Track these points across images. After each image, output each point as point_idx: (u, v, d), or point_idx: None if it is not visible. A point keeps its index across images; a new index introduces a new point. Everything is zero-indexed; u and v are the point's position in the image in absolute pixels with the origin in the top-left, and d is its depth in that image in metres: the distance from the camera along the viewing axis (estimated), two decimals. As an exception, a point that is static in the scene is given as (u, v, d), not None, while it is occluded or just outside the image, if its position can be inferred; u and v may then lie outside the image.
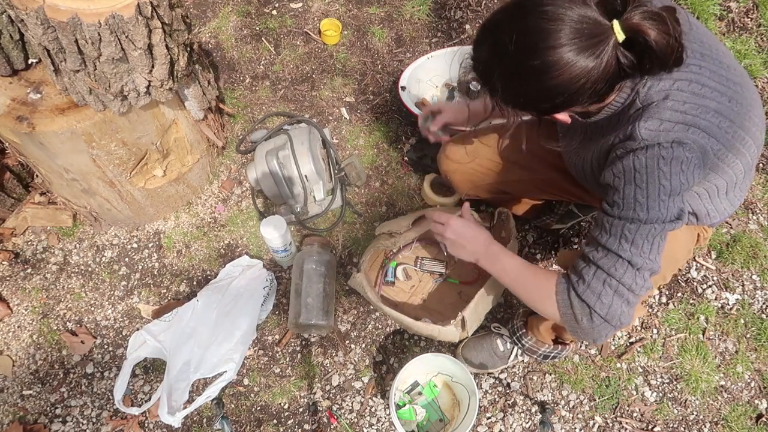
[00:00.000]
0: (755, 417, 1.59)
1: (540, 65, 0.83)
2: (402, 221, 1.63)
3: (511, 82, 0.89)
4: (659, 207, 0.92)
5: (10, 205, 1.80)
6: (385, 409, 1.58)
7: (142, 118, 1.48)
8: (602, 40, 0.81)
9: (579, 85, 0.84)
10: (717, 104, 0.92)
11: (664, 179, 0.91)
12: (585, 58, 0.81)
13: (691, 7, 2.28)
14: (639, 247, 0.94)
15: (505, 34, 0.86)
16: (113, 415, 1.56)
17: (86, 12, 1.18)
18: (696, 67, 0.94)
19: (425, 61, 1.99)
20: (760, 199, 1.90)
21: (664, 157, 0.90)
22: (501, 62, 0.88)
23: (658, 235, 0.94)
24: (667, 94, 0.92)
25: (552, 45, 0.82)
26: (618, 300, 0.96)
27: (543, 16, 0.83)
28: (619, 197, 0.95)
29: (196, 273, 1.77)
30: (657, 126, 0.91)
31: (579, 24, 0.81)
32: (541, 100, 0.89)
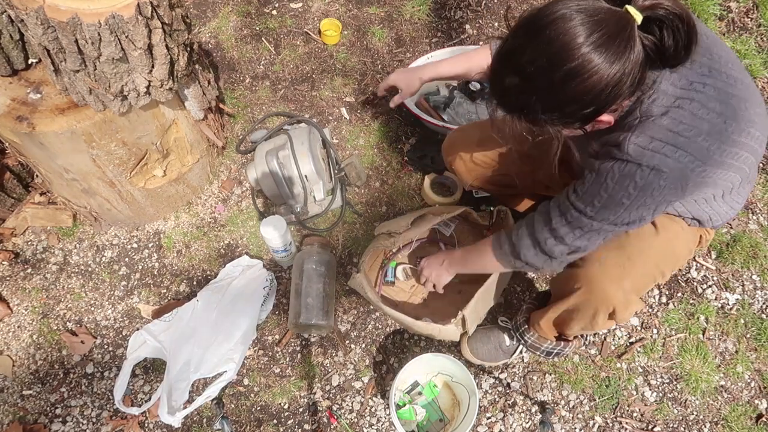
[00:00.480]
0: (755, 417, 1.59)
1: (575, 67, 0.81)
2: (402, 221, 1.62)
3: (551, 97, 0.87)
4: (609, 214, 0.99)
5: (10, 205, 1.80)
6: (385, 409, 1.58)
7: (142, 118, 1.48)
8: (625, 26, 0.80)
9: (618, 78, 0.82)
10: (710, 126, 0.92)
11: (626, 198, 0.96)
12: (615, 48, 0.80)
13: (692, 7, 2.28)
14: (571, 228, 1.05)
15: (528, 53, 0.85)
16: (113, 415, 1.56)
17: (86, 12, 1.18)
18: (700, 84, 0.93)
19: (425, 61, 1.99)
20: (760, 199, 1.90)
21: (636, 181, 0.94)
22: (534, 82, 0.86)
23: (596, 231, 1.04)
24: (667, 111, 0.92)
25: (580, 43, 0.80)
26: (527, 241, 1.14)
27: (559, 21, 0.82)
28: (582, 189, 1.01)
29: (196, 273, 1.77)
30: (646, 143, 0.92)
31: (596, 16, 0.81)
32: (585, 104, 0.87)
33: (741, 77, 0.99)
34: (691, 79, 0.93)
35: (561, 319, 1.32)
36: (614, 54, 0.81)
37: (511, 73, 0.89)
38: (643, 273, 1.17)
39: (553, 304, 1.31)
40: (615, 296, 1.15)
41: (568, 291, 1.22)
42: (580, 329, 1.31)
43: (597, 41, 0.80)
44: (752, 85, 1.03)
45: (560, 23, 0.82)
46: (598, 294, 1.16)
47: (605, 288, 1.15)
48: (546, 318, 1.36)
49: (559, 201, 1.08)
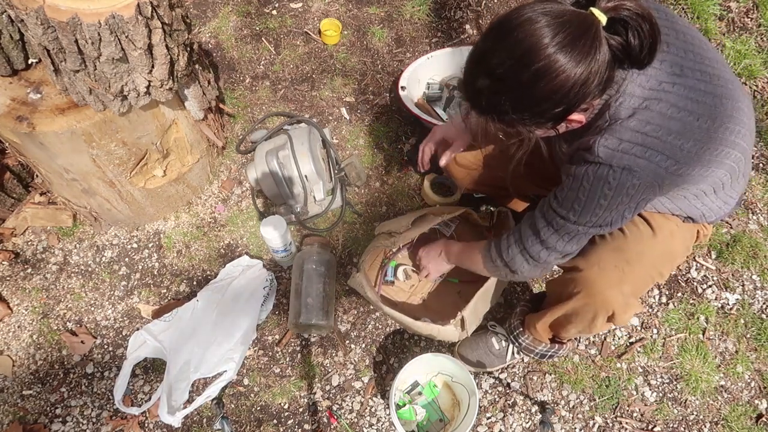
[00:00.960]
0: (755, 417, 1.59)
1: (543, 66, 0.84)
2: (402, 221, 1.63)
3: (521, 97, 0.89)
4: (590, 216, 1.02)
5: (10, 205, 1.80)
6: (385, 409, 1.58)
7: (142, 118, 1.48)
8: (590, 27, 0.83)
9: (585, 77, 0.84)
10: (681, 125, 0.93)
11: (603, 199, 0.98)
12: (581, 49, 0.83)
13: (692, 7, 2.28)
14: (560, 235, 1.08)
15: (496, 56, 0.88)
16: (113, 415, 1.56)
17: (86, 12, 1.18)
18: (669, 84, 0.94)
19: (425, 61, 1.99)
20: (760, 199, 1.90)
21: (609, 182, 0.96)
22: (503, 83, 0.89)
23: (583, 234, 1.07)
24: (634, 113, 0.94)
25: (544, 44, 0.83)
26: (520, 258, 1.17)
27: (525, 24, 0.85)
28: (562, 195, 1.04)
29: (196, 273, 1.77)
30: (615, 145, 0.94)
31: (560, 18, 0.83)
32: (555, 103, 0.89)
33: (719, 74, 1.00)
34: (661, 80, 0.94)
35: (558, 323, 1.32)
36: (580, 54, 0.83)
37: (482, 75, 0.91)
38: (642, 275, 1.17)
39: (550, 308, 1.31)
40: (614, 300, 1.15)
41: (566, 295, 1.22)
42: (577, 332, 1.31)
43: (562, 42, 0.82)
44: (733, 80, 1.03)
45: (527, 26, 0.84)
46: (597, 298, 1.16)
47: (604, 292, 1.15)
48: (542, 321, 1.36)
49: (543, 210, 1.10)
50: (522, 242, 1.15)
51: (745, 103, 1.04)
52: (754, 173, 1.96)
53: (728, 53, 2.16)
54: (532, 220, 1.13)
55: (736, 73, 2.13)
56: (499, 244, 1.21)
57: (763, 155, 2.00)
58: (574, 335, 1.36)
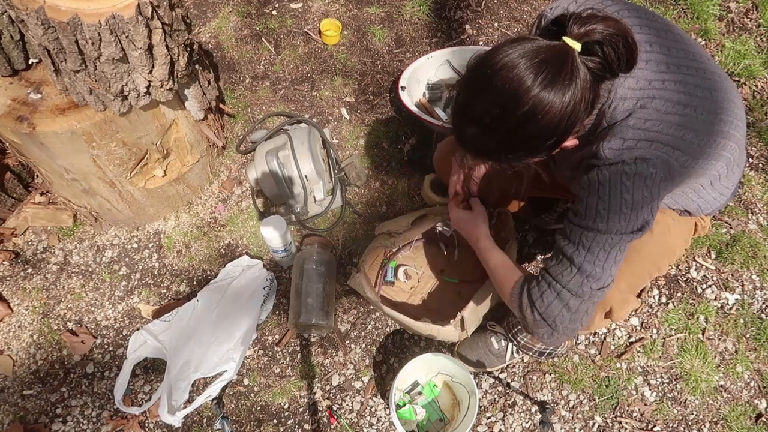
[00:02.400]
0: (755, 417, 1.59)
1: (528, 110, 0.85)
2: (402, 221, 1.63)
3: (512, 139, 0.90)
4: (619, 219, 0.95)
5: (10, 205, 1.80)
6: (385, 409, 1.58)
7: (142, 118, 1.48)
8: (566, 59, 0.83)
9: (572, 107, 0.85)
10: (680, 117, 0.94)
11: (626, 193, 0.93)
12: (562, 82, 0.83)
13: (691, 8, 2.28)
14: (594, 255, 0.99)
15: (480, 105, 0.89)
16: (113, 415, 1.56)
17: (86, 12, 1.18)
18: (659, 82, 0.95)
19: (425, 61, 1.99)
20: (760, 199, 1.91)
21: (627, 172, 0.93)
22: (492, 129, 0.90)
23: (616, 245, 0.98)
24: (631, 113, 0.94)
25: (527, 87, 0.83)
26: (558, 303, 1.02)
27: (503, 71, 0.85)
28: (583, 207, 0.98)
29: (196, 273, 1.77)
30: (620, 145, 0.94)
31: (537, 56, 0.84)
32: (546, 138, 0.90)
33: (705, 67, 1.01)
34: (650, 78, 0.95)
35: None
36: (562, 87, 0.83)
37: (470, 124, 0.92)
38: (639, 271, 1.18)
39: None
40: (612, 296, 1.15)
41: None
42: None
43: (543, 81, 0.83)
44: (720, 73, 1.04)
45: (505, 72, 0.85)
46: None
47: None
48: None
49: (566, 236, 1.02)
50: (556, 281, 1.02)
51: (734, 94, 1.05)
52: (753, 173, 1.96)
53: (728, 53, 2.16)
54: (557, 254, 1.04)
55: (735, 73, 2.13)
56: (531, 291, 1.07)
57: (762, 155, 2.00)
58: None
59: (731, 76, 2.15)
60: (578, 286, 1.01)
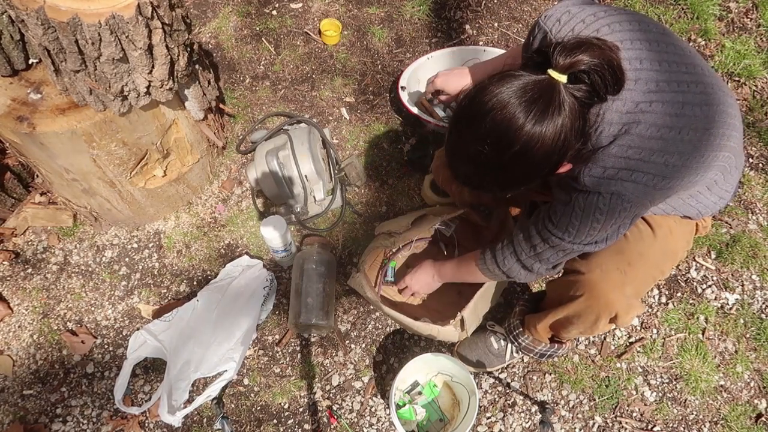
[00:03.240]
0: (755, 417, 1.59)
1: (521, 148, 0.87)
2: (402, 221, 1.63)
3: (506, 176, 0.94)
4: (585, 237, 1.03)
5: (10, 205, 1.80)
6: (385, 409, 1.58)
7: (142, 118, 1.48)
8: (553, 92, 0.85)
9: (563, 138, 0.87)
10: (663, 143, 0.94)
11: (596, 222, 1.00)
12: (551, 116, 0.85)
13: (691, 8, 2.28)
14: (555, 251, 1.10)
15: (471, 146, 0.92)
16: (113, 415, 1.56)
17: (86, 12, 1.18)
18: (646, 104, 0.94)
19: (425, 61, 1.99)
20: (760, 199, 1.91)
21: (600, 207, 0.97)
22: (486, 168, 0.94)
23: (578, 251, 1.09)
24: (614, 139, 0.95)
25: (518, 126, 0.85)
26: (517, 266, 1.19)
27: (493, 110, 0.87)
28: (556, 218, 1.05)
29: (196, 273, 1.77)
30: (600, 173, 0.95)
31: (525, 94, 0.85)
32: (540, 171, 0.93)
33: (697, 79, 0.99)
34: (637, 100, 0.94)
35: (559, 324, 1.32)
36: (552, 120, 0.85)
37: (464, 163, 0.96)
38: (644, 276, 1.18)
39: (552, 310, 1.31)
40: (617, 302, 1.15)
41: (568, 298, 1.22)
42: (578, 333, 1.31)
43: (533, 118, 0.85)
44: (713, 83, 1.02)
45: (495, 113, 0.87)
46: (600, 301, 1.16)
47: (607, 295, 1.15)
48: (543, 322, 1.36)
49: (538, 227, 1.11)
50: (517, 254, 1.18)
51: (729, 103, 1.03)
52: (753, 173, 1.96)
53: (728, 53, 2.16)
54: (527, 234, 1.14)
55: (736, 73, 2.13)
56: (495, 254, 1.23)
57: (762, 155, 2.00)
58: (575, 336, 1.37)
59: (731, 76, 2.15)
60: (532, 264, 1.16)
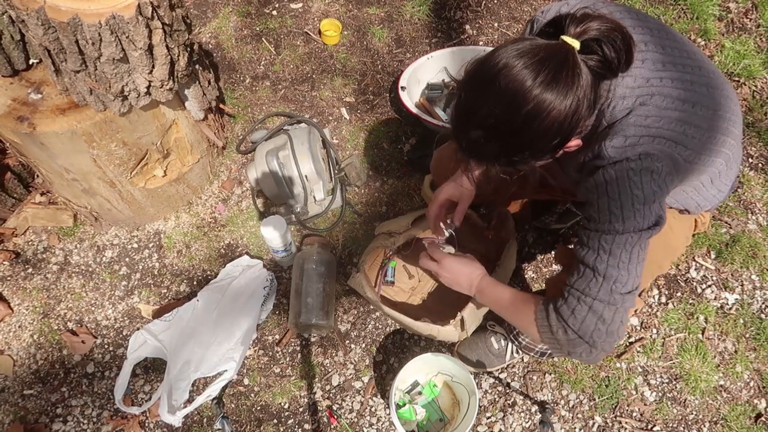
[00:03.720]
0: (754, 416, 1.59)
1: (532, 109, 0.84)
2: (402, 221, 1.63)
3: (516, 141, 0.89)
4: (634, 216, 0.93)
5: (11, 205, 1.80)
6: (385, 409, 1.58)
7: (142, 118, 1.48)
8: (566, 56, 0.83)
9: (575, 105, 0.85)
10: (680, 113, 0.94)
11: (636, 189, 0.92)
12: (564, 81, 0.83)
13: (691, 8, 2.28)
14: (617, 257, 0.95)
15: (483, 108, 0.88)
16: (114, 415, 1.57)
17: (87, 12, 1.19)
18: (657, 80, 0.95)
19: (425, 62, 1.99)
20: (760, 199, 1.91)
21: (633, 168, 0.92)
22: (496, 131, 0.89)
23: (636, 244, 0.95)
24: (631, 110, 0.94)
25: (529, 87, 0.83)
26: (592, 317, 0.97)
27: (503, 71, 0.85)
28: (595, 211, 0.96)
29: (197, 273, 1.77)
30: (622, 143, 0.93)
31: (537, 55, 0.84)
32: (551, 138, 0.89)
33: (700, 65, 1.01)
34: (647, 76, 0.95)
35: None
36: (564, 86, 0.83)
37: (473, 127, 0.91)
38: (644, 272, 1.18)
39: None
40: None
41: None
42: None
43: (545, 80, 0.83)
44: (714, 70, 1.04)
45: (505, 72, 0.84)
46: None
47: None
48: None
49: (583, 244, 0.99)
50: (585, 294, 0.97)
51: (729, 90, 1.05)
52: (753, 173, 1.96)
53: (727, 53, 2.16)
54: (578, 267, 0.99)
55: (735, 73, 2.14)
56: (559, 310, 1.01)
57: (762, 155, 2.00)
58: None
59: (731, 76, 2.15)
60: (608, 294, 0.96)
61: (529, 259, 1.79)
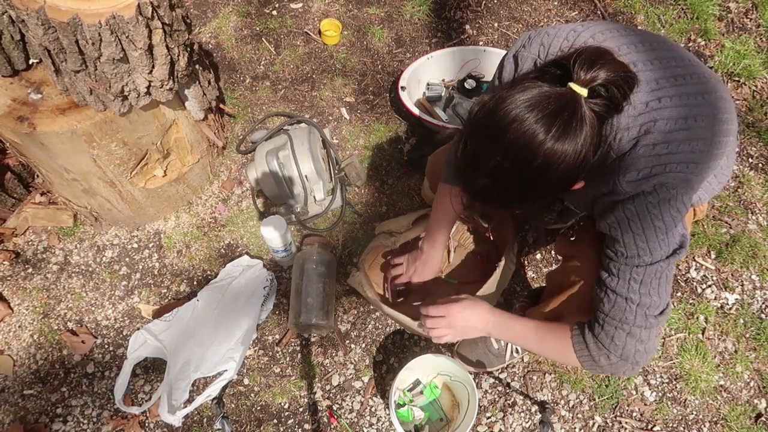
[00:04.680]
0: (754, 416, 1.59)
1: (543, 161, 0.84)
2: (402, 220, 1.63)
3: (524, 191, 0.90)
4: (660, 246, 0.96)
5: (11, 205, 1.80)
6: (385, 409, 1.58)
7: (142, 118, 1.49)
8: (575, 106, 0.83)
9: (583, 154, 0.85)
10: (685, 132, 0.94)
11: (657, 221, 0.94)
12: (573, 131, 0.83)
13: (691, 8, 2.28)
14: (648, 286, 0.99)
15: (492, 159, 0.87)
16: (114, 415, 1.57)
17: (87, 12, 1.19)
18: (655, 101, 0.95)
19: (425, 62, 1.99)
20: (760, 199, 1.91)
21: (651, 202, 0.93)
22: (505, 182, 0.89)
23: (665, 270, 0.99)
24: (637, 141, 0.94)
25: (541, 140, 0.82)
26: (631, 341, 1.02)
27: (515, 123, 0.83)
28: (621, 246, 0.98)
29: (197, 273, 1.77)
30: (636, 176, 0.94)
31: (548, 107, 0.83)
32: (559, 187, 0.90)
33: (690, 71, 1.00)
34: (645, 100, 0.94)
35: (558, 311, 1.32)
36: (574, 136, 0.83)
37: (480, 176, 0.91)
38: None
39: (549, 299, 1.31)
40: None
41: (567, 284, 1.23)
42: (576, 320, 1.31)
43: (556, 134, 0.82)
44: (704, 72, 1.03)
45: (516, 126, 0.83)
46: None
47: None
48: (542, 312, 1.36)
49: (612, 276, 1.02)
50: (623, 322, 1.01)
51: (720, 87, 1.05)
52: (753, 173, 1.96)
53: (727, 53, 2.16)
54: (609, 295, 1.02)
55: (735, 73, 2.14)
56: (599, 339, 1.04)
57: (762, 155, 2.00)
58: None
59: (731, 76, 2.15)
60: (644, 319, 1.01)
61: (529, 260, 1.80)
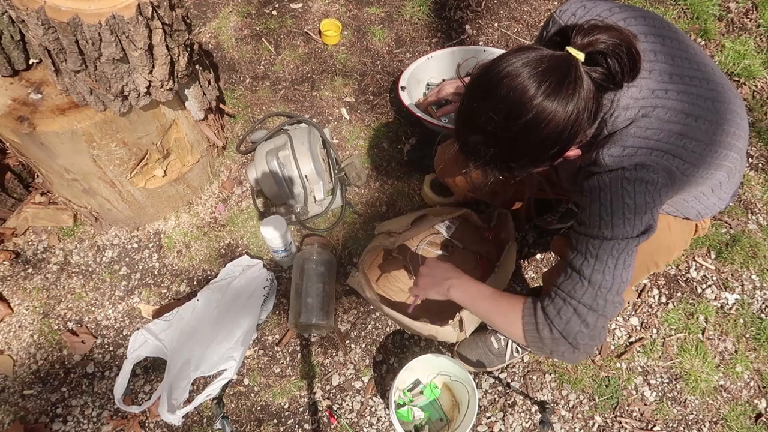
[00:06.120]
0: (754, 416, 1.59)
1: (532, 118, 0.85)
2: (402, 220, 1.63)
3: (515, 148, 0.91)
4: (624, 224, 0.94)
5: (11, 205, 1.80)
6: (385, 409, 1.58)
7: (142, 118, 1.49)
8: (569, 68, 0.84)
9: (575, 116, 0.86)
10: (681, 126, 0.94)
11: (628, 198, 0.93)
12: (565, 91, 0.84)
13: (691, 8, 2.28)
14: (603, 263, 0.96)
15: (484, 114, 0.89)
16: (114, 415, 1.57)
17: (87, 12, 1.19)
18: (662, 91, 0.95)
19: (425, 62, 1.99)
20: (760, 199, 1.91)
21: (627, 177, 0.93)
22: (496, 138, 0.91)
23: (624, 251, 0.96)
24: (632, 121, 0.94)
25: (530, 96, 0.84)
26: (576, 319, 1.00)
27: (508, 78, 0.85)
28: (586, 215, 0.98)
29: (197, 273, 1.77)
30: (619, 152, 0.94)
31: (541, 65, 0.84)
32: (549, 148, 0.90)
33: (708, 77, 1.00)
34: (652, 88, 0.95)
35: None
36: (566, 97, 0.84)
37: (473, 132, 0.93)
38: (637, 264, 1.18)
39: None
40: None
41: None
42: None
43: (547, 90, 0.83)
44: (724, 83, 1.03)
45: (509, 80, 0.85)
46: None
47: None
48: None
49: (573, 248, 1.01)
50: (570, 296, 1.00)
51: (738, 104, 1.05)
52: (753, 173, 1.96)
53: (727, 53, 2.16)
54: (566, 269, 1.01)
55: (735, 73, 2.13)
56: (546, 309, 1.03)
57: (762, 155, 2.00)
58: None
59: (731, 76, 2.15)
60: (592, 299, 0.98)
61: (529, 259, 1.80)
